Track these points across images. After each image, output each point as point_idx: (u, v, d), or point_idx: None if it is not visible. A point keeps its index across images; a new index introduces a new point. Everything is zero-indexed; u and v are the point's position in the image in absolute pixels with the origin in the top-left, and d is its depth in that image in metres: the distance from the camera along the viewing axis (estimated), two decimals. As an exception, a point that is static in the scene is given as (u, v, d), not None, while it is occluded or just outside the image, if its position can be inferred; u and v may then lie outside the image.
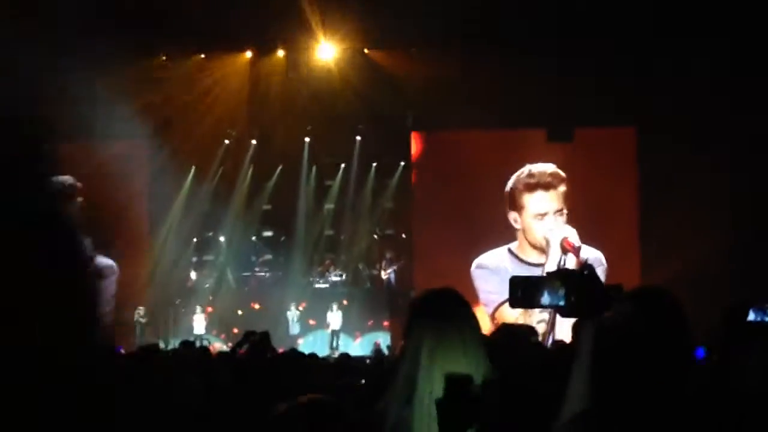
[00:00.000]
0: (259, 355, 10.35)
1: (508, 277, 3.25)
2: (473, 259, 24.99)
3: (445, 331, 3.49)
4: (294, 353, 10.74)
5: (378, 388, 3.79)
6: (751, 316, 4.42)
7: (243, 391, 7.22)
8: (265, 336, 10.13)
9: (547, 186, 24.40)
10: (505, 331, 5.08)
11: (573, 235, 23.46)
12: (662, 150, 24.28)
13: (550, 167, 24.46)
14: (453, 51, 24.03)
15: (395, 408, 3.51)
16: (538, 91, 23.71)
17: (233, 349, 11.42)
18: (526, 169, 24.77)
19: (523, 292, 3.20)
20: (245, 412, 6.45)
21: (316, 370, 9.62)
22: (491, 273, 23.00)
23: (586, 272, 3.12)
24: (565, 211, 24.17)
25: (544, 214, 24.08)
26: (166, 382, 6.82)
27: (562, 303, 3.12)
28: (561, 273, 3.17)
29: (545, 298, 3.16)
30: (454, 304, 3.62)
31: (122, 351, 16.26)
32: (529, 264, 23.81)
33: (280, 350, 12.68)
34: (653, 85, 23.79)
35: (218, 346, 24.48)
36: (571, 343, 6.09)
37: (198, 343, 21.96)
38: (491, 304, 23.67)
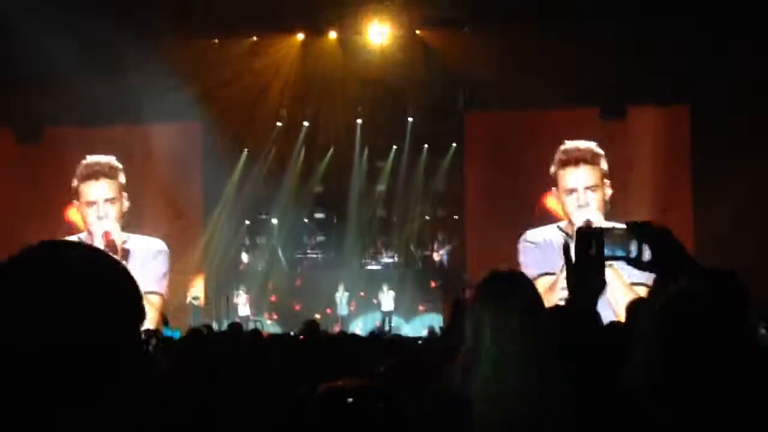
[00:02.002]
0: (310, 337, 10.34)
1: (551, 250, 3.15)
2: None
3: (505, 316, 3.42)
4: (345, 335, 10.73)
5: (432, 368, 3.73)
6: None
7: (293, 372, 7.19)
8: (314, 323, 10.17)
9: (576, 161, 24.22)
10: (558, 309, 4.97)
11: (597, 219, 23.49)
12: (717, 130, 24.04)
13: (583, 143, 24.24)
14: (504, 30, 23.90)
15: (457, 384, 3.46)
16: (591, 69, 23.53)
17: (286, 333, 11.44)
18: (563, 146, 24.70)
19: (590, 244, 3.03)
20: (294, 393, 6.41)
21: (369, 351, 9.56)
22: (534, 247, 22.81)
23: (662, 226, 3.01)
24: (605, 189, 23.97)
25: (572, 190, 23.88)
26: (216, 363, 6.80)
27: (634, 255, 2.99)
28: (635, 224, 3.04)
29: (617, 250, 3.02)
30: (518, 286, 3.55)
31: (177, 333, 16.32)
32: (573, 240, 23.72)
33: (336, 329, 12.74)
34: (709, 63, 23.53)
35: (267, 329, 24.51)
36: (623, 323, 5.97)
37: (246, 326, 22.07)
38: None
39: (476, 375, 3.40)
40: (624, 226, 3.03)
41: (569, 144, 24.27)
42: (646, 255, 2.95)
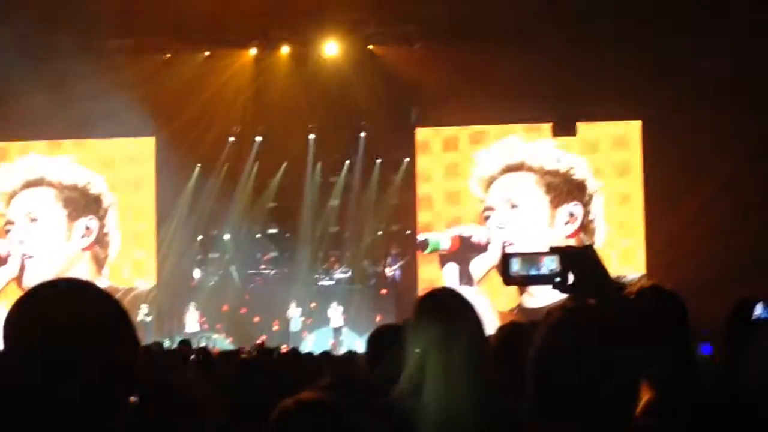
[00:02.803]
0: (263, 355, 10.32)
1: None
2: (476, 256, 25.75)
3: (453, 331, 3.46)
4: (295, 352, 10.71)
5: (384, 383, 3.75)
6: (758, 311, 4.34)
7: (244, 390, 7.17)
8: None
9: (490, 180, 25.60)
10: (511, 328, 5.00)
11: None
12: (668, 143, 24.28)
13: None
14: (456, 46, 24.00)
15: (404, 401, 3.47)
16: (543, 84, 23.73)
17: (238, 350, 11.42)
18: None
19: (515, 266, 3.10)
20: (246, 411, 6.39)
21: (320, 368, 9.57)
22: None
23: (587, 250, 3.05)
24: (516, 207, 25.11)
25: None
26: (166, 380, 6.75)
27: (557, 279, 3.03)
28: (559, 248, 3.08)
29: (540, 274, 3.07)
30: (459, 303, 3.60)
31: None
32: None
33: (284, 349, 12.72)
34: (659, 78, 23.76)
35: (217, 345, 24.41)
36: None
37: (197, 342, 21.94)
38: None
39: (423, 389, 3.43)
40: (548, 249, 3.07)
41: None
42: (570, 278, 2.99)
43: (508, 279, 3.12)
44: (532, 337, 2.62)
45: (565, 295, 3.04)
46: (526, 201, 25.94)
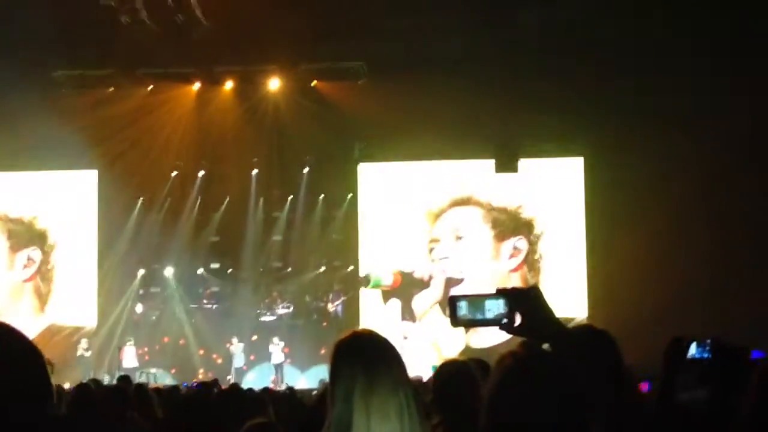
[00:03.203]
0: (203, 391, 10.25)
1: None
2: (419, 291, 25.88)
3: (377, 372, 3.45)
4: (236, 388, 10.64)
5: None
6: (693, 351, 4.38)
7: (182, 427, 7.12)
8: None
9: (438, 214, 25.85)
10: (448, 368, 5.00)
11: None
12: (610, 180, 24.50)
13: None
14: (399, 83, 24.09)
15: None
16: (485, 121, 23.89)
17: (176, 386, 11.35)
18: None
19: (462, 309, 3.12)
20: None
21: (260, 405, 9.50)
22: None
23: (532, 292, 3.07)
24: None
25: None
26: (102, 418, 6.71)
27: (504, 321, 3.05)
28: (504, 290, 3.10)
29: (487, 316, 3.09)
30: (383, 345, 3.59)
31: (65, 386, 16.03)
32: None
33: (223, 385, 12.66)
34: (600, 115, 23.98)
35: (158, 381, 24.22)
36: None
37: (138, 377, 21.75)
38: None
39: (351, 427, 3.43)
40: (494, 291, 3.09)
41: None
42: (517, 319, 3.01)
43: (456, 321, 3.14)
44: (470, 375, 2.65)
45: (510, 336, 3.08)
46: (471, 233, 26.06)
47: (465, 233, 26.15)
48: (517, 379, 2.71)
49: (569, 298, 24.89)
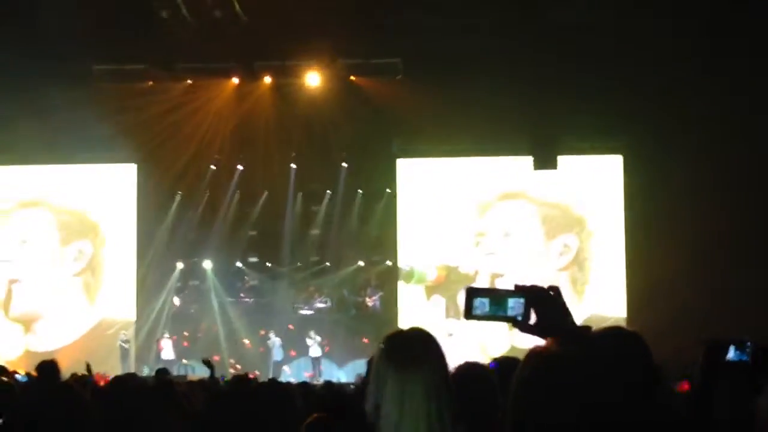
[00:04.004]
0: (241, 384, 10.28)
1: None
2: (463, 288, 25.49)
3: (409, 377, 3.43)
4: (274, 382, 10.68)
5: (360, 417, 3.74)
6: (731, 354, 4.35)
7: (219, 421, 7.15)
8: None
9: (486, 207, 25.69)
10: (465, 369, 4.95)
11: None
12: (650, 178, 24.38)
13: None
14: (438, 78, 24.07)
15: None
16: (524, 118, 23.81)
17: (215, 379, 11.40)
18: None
19: (479, 303, 3.11)
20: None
21: (298, 399, 9.53)
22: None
23: (552, 292, 3.06)
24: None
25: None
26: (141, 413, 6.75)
27: (519, 318, 3.05)
28: (523, 287, 3.09)
29: (502, 312, 3.08)
30: (421, 347, 3.54)
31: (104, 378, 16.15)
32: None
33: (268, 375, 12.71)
34: (641, 113, 23.87)
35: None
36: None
37: (175, 371, 21.89)
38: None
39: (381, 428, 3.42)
40: (511, 288, 3.09)
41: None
42: (532, 317, 3.01)
43: (471, 315, 3.13)
44: (488, 381, 2.64)
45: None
46: (521, 229, 25.82)
47: (514, 229, 25.90)
48: (538, 378, 2.70)
49: (608, 298, 24.81)
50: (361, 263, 27.75)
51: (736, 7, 22.42)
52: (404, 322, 24.78)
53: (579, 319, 3.07)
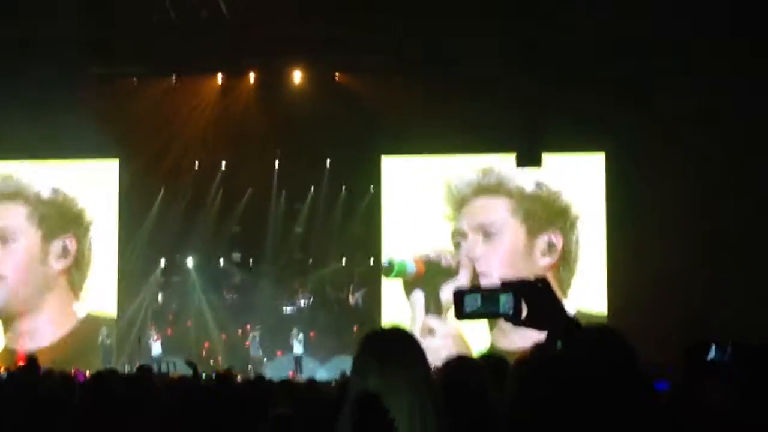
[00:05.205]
0: (224, 382, 10.28)
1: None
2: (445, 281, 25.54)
3: (390, 373, 3.42)
4: (259, 379, 10.69)
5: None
6: (712, 354, 4.36)
7: (198, 418, 7.14)
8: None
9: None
10: (454, 366, 4.92)
11: None
12: (632, 176, 24.43)
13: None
14: (422, 75, 24.12)
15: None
16: (508, 116, 23.81)
17: (197, 377, 11.38)
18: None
19: (469, 302, 3.12)
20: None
21: (281, 396, 9.53)
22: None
23: (540, 284, 3.06)
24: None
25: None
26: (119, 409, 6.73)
27: (511, 312, 3.05)
28: (510, 282, 3.10)
29: (494, 307, 3.09)
30: (401, 345, 3.53)
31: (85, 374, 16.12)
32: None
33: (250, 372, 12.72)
34: (623, 111, 23.91)
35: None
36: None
37: (158, 367, 21.84)
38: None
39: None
40: (499, 284, 3.10)
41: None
42: (524, 311, 3.01)
43: (462, 314, 3.14)
44: (478, 377, 2.65)
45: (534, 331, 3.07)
46: (501, 229, 25.56)
47: (494, 229, 25.53)
48: (532, 387, 2.71)
49: (590, 296, 24.84)
50: (344, 260, 27.76)
51: (718, 4, 22.48)
52: (387, 319, 24.78)
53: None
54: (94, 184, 27.41)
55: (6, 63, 24.20)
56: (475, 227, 25.70)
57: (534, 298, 3.01)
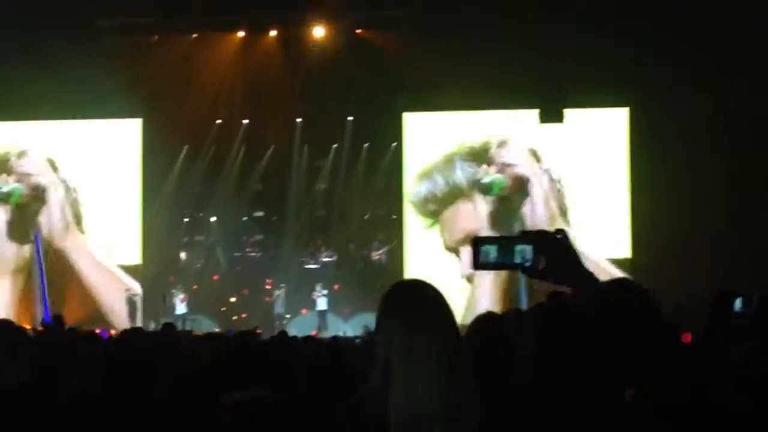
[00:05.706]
0: (247, 338, 10.31)
1: None
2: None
3: (415, 326, 3.40)
4: (282, 336, 10.71)
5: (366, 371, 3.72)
6: (737, 306, 4.32)
7: (224, 375, 7.15)
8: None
9: None
10: (484, 321, 4.93)
11: None
12: (655, 131, 24.33)
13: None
14: (443, 32, 24.00)
15: (372, 397, 3.44)
16: (530, 71, 23.72)
17: (221, 333, 11.44)
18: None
19: (486, 252, 3.10)
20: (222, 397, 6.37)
21: (305, 352, 9.55)
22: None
23: (559, 235, 3.05)
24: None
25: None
26: (144, 366, 6.76)
27: (528, 264, 3.04)
28: (529, 233, 3.09)
29: (511, 258, 3.07)
30: (424, 297, 3.52)
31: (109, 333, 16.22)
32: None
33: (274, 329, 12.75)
34: (647, 65, 23.77)
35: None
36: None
37: (181, 325, 21.94)
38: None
39: (391, 386, 3.39)
40: (518, 234, 3.08)
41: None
42: (542, 263, 2.99)
43: (478, 264, 3.12)
44: (504, 335, 2.65)
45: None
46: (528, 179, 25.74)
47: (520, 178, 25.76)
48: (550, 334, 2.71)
49: (612, 247, 24.85)
50: (367, 217, 27.77)
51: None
52: (411, 276, 24.77)
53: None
54: (117, 143, 27.39)
55: (21, 20, 24.10)
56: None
57: (553, 250, 3.00)
